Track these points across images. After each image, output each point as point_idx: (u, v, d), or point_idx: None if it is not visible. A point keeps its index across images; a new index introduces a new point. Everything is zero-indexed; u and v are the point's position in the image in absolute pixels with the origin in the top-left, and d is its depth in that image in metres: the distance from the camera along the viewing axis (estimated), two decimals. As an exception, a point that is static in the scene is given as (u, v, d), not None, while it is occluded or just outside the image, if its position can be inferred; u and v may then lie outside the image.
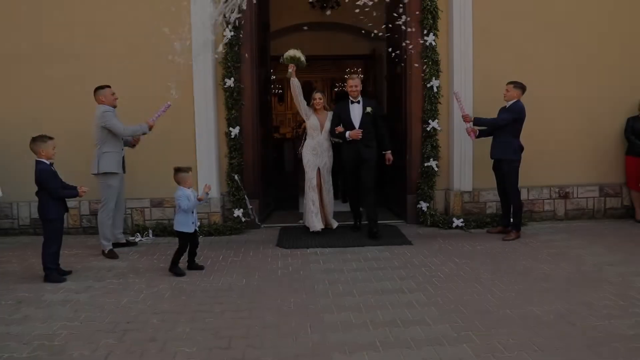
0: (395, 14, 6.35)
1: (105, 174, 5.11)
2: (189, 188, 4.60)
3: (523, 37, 6.24)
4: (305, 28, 7.93)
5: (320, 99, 5.77)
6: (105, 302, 3.79)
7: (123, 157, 5.34)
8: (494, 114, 6.07)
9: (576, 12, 6.29)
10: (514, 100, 5.51)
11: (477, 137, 5.70)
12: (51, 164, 4.33)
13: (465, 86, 6.18)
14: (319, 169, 5.78)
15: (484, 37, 6.18)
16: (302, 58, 5.89)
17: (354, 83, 5.61)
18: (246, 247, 5.40)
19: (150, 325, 3.34)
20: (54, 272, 4.26)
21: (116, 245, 5.37)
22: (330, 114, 5.77)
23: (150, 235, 5.94)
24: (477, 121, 5.61)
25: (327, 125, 5.73)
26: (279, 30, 9.79)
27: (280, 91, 20.48)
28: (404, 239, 5.64)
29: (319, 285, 4.09)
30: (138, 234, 5.90)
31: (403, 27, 6.21)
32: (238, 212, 6.06)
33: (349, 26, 10.30)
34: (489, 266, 4.55)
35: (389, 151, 5.78)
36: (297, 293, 3.93)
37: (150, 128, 5.28)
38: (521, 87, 5.52)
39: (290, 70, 5.82)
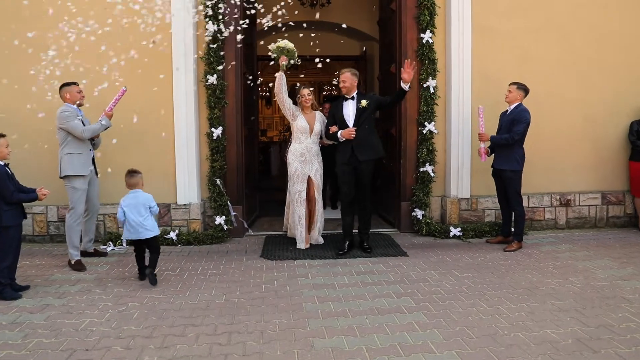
0: (390, 8, 6.05)
1: (68, 176, 4.68)
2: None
3: (524, 36, 5.92)
4: (304, 25, 7.50)
5: (308, 95, 5.26)
6: (64, 323, 3.32)
7: (93, 159, 4.88)
8: (493, 116, 5.74)
9: (578, 12, 5.99)
10: (517, 104, 5.17)
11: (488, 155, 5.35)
12: (5, 165, 3.85)
13: (464, 87, 5.84)
14: (309, 178, 5.24)
15: (483, 35, 5.85)
16: (293, 48, 5.37)
17: (343, 78, 5.09)
18: (228, 258, 4.96)
19: (112, 354, 2.88)
20: (7, 288, 3.77)
21: (84, 254, 4.92)
22: (318, 115, 5.30)
23: (124, 244, 5.45)
24: (493, 139, 5.20)
25: (317, 127, 5.23)
26: (266, 30, 9.37)
27: (267, 94, 20.19)
28: (399, 249, 5.24)
29: (308, 304, 3.67)
30: (110, 242, 5.42)
31: (398, 23, 5.93)
32: (220, 220, 5.61)
33: (338, 26, 9.95)
34: (493, 281, 4.18)
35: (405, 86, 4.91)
36: (283, 313, 3.50)
37: (110, 118, 4.87)
38: (524, 89, 5.18)
39: (282, 62, 5.27)
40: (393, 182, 6.26)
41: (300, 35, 6.44)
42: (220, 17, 5.54)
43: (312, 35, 10.87)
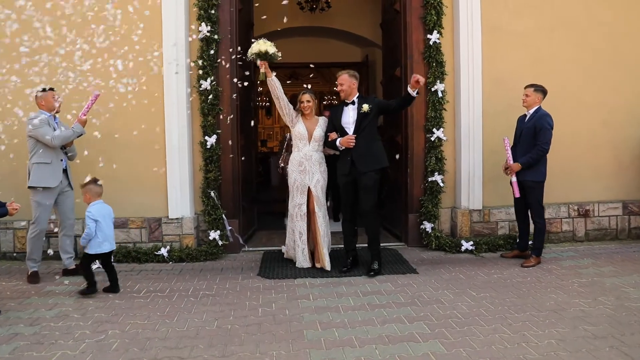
0: (394, 9, 5.72)
1: (34, 188, 4.37)
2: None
3: (536, 35, 5.58)
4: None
5: (308, 101, 4.82)
6: (31, 357, 2.92)
7: (66, 170, 4.54)
8: (505, 121, 5.40)
9: (593, 8, 5.65)
10: (536, 108, 4.81)
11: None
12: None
13: (474, 90, 5.48)
14: (309, 189, 4.78)
15: (494, 35, 5.51)
16: (272, 50, 4.64)
17: (340, 80, 4.65)
18: (222, 277, 4.56)
19: (82, 396, 2.49)
20: (-29, 316, 3.39)
21: (66, 273, 4.56)
22: (321, 120, 4.88)
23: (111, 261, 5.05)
24: (524, 164, 4.74)
25: (318, 133, 4.79)
26: (265, 35, 9.06)
27: (267, 104, 19.91)
28: (407, 266, 4.84)
29: (310, 331, 3.27)
30: (97, 260, 5.01)
31: (402, 24, 5.60)
32: (214, 235, 5.22)
33: (339, 31, 9.67)
34: (514, 301, 3.78)
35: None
36: (282, 342, 3.10)
37: (84, 124, 4.53)
38: (542, 91, 4.82)
39: (262, 70, 4.68)
40: (399, 193, 5.88)
41: (297, 40, 6.25)
42: (214, 18, 5.20)
43: (313, 41, 10.68)
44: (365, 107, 4.52)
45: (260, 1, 7.79)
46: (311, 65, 5.14)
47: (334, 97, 16.79)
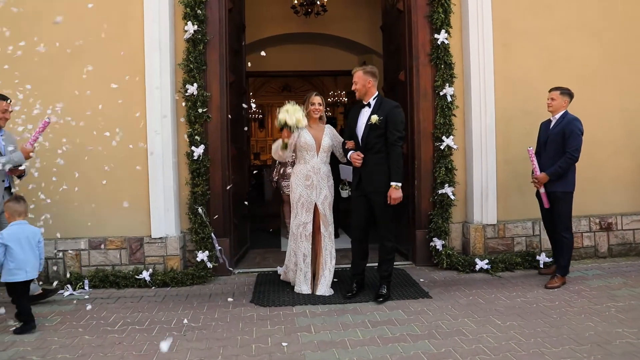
0: (397, 8, 5.29)
1: None
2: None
3: (551, 35, 5.17)
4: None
5: (320, 104, 4.29)
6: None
7: (8, 188, 4.03)
8: (520, 128, 5.01)
9: (612, 7, 5.26)
10: (563, 112, 4.38)
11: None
12: None
13: (485, 94, 5.03)
14: (316, 206, 4.26)
15: (506, 35, 5.09)
16: (292, 122, 3.97)
17: (355, 77, 4.03)
18: (210, 305, 4.03)
19: None
20: None
21: (30, 299, 3.99)
22: (327, 129, 4.34)
23: (86, 287, 4.51)
24: (552, 174, 4.30)
25: (326, 142, 4.23)
26: (258, 42, 8.66)
27: (260, 116, 19.48)
28: (418, 288, 4.33)
29: (313, 374, 2.75)
30: (69, 285, 4.46)
31: (407, 24, 5.16)
32: (202, 256, 4.69)
33: (335, 38, 9.25)
34: (547, 332, 3.27)
35: (394, 184, 3.85)
36: (280, 390, 2.57)
37: (27, 156, 4.00)
38: (569, 94, 4.41)
39: (285, 139, 4.07)
40: (406, 207, 5.38)
41: (292, 47, 5.81)
42: (202, 16, 4.73)
43: (308, 48, 10.26)
44: (374, 118, 3.94)
45: (253, 7, 7.45)
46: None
47: (327, 109, 16.42)
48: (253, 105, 15.88)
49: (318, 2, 7.95)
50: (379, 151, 3.98)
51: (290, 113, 3.96)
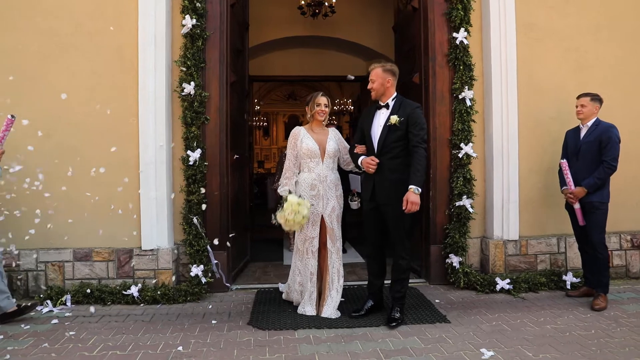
0: (412, 6, 4.92)
1: None
2: None
3: (579, 35, 4.78)
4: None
5: (326, 105, 3.89)
6: None
7: None
8: (546, 135, 4.64)
9: (646, 7, 4.87)
10: (594, 119, 4.01)
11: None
12: None
13: (507, 98, 4.64)
14: (322, 218, 3.86)
15: (530, 34, 4.71)
16: (301, 219, 3.60)
17: (372, 75, 3.64)
18: (203, 327, 3.61)
19: None
20: None
21: (3, 318, 3.61)
22: (331, 132, 3.97)
23: (68, 303, 4.10)
24: (589, 187, 3.92)
25: (331, 147, 3.85)
26: (262, 45, 8.31)
27: (265, 124, 19.16)
28: (434, 311, 3.90)
29: (318, 419, 2.32)
30: (49, 301, 4.06)
31: (422, 23, 4.79)
32: (197, 270, 4.28)
33: (342, 42, 8.89)
34: (587, 368, 2.84)
35: (413, 188, 3.42)
36: None
37: None
38: (600, 100, 4.06)
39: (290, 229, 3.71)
40: (419, 220, 4.96)
41: (297, 52, 5.43)
42: (201, 10, 4.37)
43: (314, 52, 9.91)
44: (394, 118, 3.53)
45: (257, 8, 7.11)
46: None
47: (332, 117, 16.00)
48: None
49: (326, 3, 7.59)
50: (396, 156, 3.57)
51: (292, 211, 3.53)
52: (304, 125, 3.94)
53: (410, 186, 3.43)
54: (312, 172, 3.81)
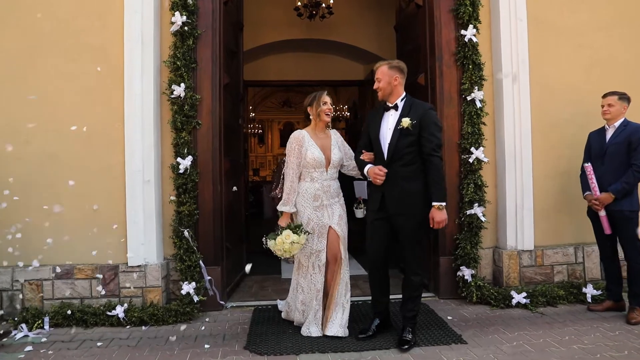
0: (415, 4, 4.64)
1: None
2: None
3: (592, 32, 4.52)
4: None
5: (332, 104, 3.59)
6: None
7: None
8: (559, 138, 4.39)
9: (661, 3, 4.62)
10: (622, 120, 3.74)
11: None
12: None
13: (520, 99, 4.36)
14: (330, 229, 3.51)
15: (542, 32, 4.44)
16: (293, 245, 3.28)
17: (378, 74, 3.35)
18: (195, 353, 3.26)
19: None
20: None
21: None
22: (333, 136, 3.65)
23: (46, 327, 3.74)
24: (617, 192, 3.63)
25: (336, 156, 3.52)
26: (257, 48, 8.03)
27: (259, 131, 18.87)
28: (448, 330, 3.58)
29: None
30: (23, 325, 3.70)
31: (428, 20, 4.52)
32: (188, 288, 3.94)
33: (339, 45, 8.62)
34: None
35: (437, 204, 3.16)
36: None
37: None
38: (628, 99, 3.81)
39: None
40: (426, 230, 4.64)
41: (292, 56, 5.14)
42: (192, 6, 4.07)
43: (311, 56, 9.64)
44: (406, 121, 3.20)
45: (252, 10, 6.83)
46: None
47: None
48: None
49: (323, 4, 7.32)
50: (409, 163, 3.25)
51: (285, 240, 3.24)
52: (307, 129, 3.59)
53: (434, 203, 3.15)
54: (315, 182, 3.47)
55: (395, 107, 3.33)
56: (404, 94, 3.38)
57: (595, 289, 4.18)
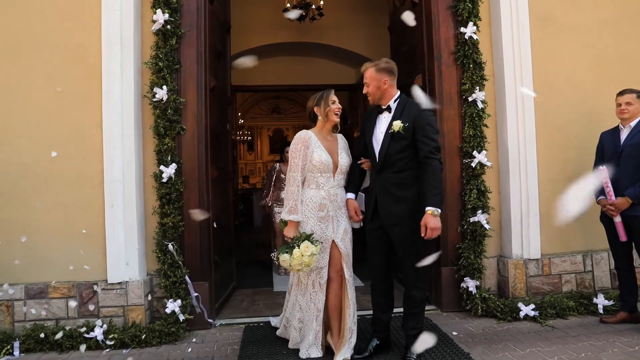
0: (412, 1, 4.43)
1: None
2: None
3: (598, 30, 4.34)
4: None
5: (339, 104, 3.29)
6: None
7: None
8: (564, 140, 4.22)
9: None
10: (639, 119, 3.49)
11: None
12: None
13: (523, 100, 4.15)
14: (333, 244, 3.19)
15: (545, 29, 4.25)
16: (312, 258, 2.96)
17: (366, 79, 3.09)
18: (180, 379, 2.97)
19: None
20: None
21: None
22: (340, 140, 3.34)
23: (16, 352, 3.42)
24: (635, 197, 3.41)
25: (344, 160, 3.21)
26: (244, 52, 7.75)
27: (249, 138, 18.60)
28: (455, 348, 3.32)
29: None
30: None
31: (425, 18, 4.30)
32: (173, 306, 3.64)
33: (330, 48, 8.39)
34: None
35: (431, 210, 2.86)
36: None
37: None
38: None
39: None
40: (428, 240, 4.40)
41: (282, 60, 4.90)
42: (174, 4, 3.80)
43: (300, 60, 9.41)
44: (397, 125, 2.96)
45: (240, 13, 6.58)
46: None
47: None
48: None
49: (314, 6, 7.09)
50: (402, 169, 3.01)
51: (302, 254, 2.92)
52: (313, 129, 3.25)
53: (427, 208, 2.86)
54: (320, 190, 3.15)
55: (389, 109, 3.08)
56: (398, 93, 3.12)
57: (607, 299, 3.97)
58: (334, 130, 3.30)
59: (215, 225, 4.02)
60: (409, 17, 3.23)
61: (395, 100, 3.10)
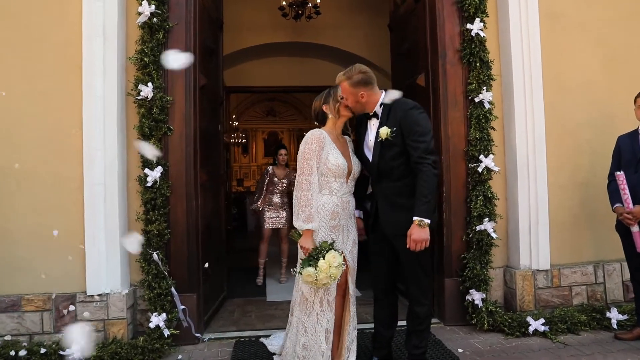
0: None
1: None
2: None
3: (609, 26, 4.12)
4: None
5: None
6: None
7: None
8: (574, 144, 3.99)
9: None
10: None
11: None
12: None
13: (532, 100, 3.93)
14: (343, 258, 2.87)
15: (555, 26, 4.03)
16: (339, 269, 2.65)
17: (344, 93, 2.80)
18: (162, 404, 2.70)
19: None
20: None
21: None
22: (349, 143, 2.99)
23: (-12, 372, 3.14)
24: None
25: (355, 164, 2.91)
26: (238, 52, 7.52)
27: (243, 140, 18.34)
28: (462, 366, 3.08)
29: None
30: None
31: (428, 14, 4.08)
32: (158, 320, 3.37)
33: (326, 49, 8.16)
34: None
35: (417, 219, 2.59)
36: None
37: None
38: None
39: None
40: (430, 248, 4.14)
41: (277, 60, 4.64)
42: (161, -4, 3.55)
43: (296, 61, 9.17)
44: (384, 132, 2.70)
45: (233, 12, 6.34)
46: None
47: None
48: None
49: (310, 4, 6.86)
50: (399, 177, 2.76)
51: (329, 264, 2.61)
52: (324, 128, 2.90)
53: (415, 217, 2.59)
54: (333, 196, 2.82)
55: (376, 115, 2.82)
56: (382, 96, 2.82)
57: (621, 313, 3.73)
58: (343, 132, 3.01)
59: (206, 266, 3.77)
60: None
61: (380, 105, 2.82)
